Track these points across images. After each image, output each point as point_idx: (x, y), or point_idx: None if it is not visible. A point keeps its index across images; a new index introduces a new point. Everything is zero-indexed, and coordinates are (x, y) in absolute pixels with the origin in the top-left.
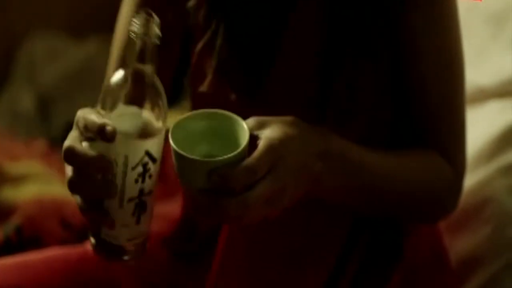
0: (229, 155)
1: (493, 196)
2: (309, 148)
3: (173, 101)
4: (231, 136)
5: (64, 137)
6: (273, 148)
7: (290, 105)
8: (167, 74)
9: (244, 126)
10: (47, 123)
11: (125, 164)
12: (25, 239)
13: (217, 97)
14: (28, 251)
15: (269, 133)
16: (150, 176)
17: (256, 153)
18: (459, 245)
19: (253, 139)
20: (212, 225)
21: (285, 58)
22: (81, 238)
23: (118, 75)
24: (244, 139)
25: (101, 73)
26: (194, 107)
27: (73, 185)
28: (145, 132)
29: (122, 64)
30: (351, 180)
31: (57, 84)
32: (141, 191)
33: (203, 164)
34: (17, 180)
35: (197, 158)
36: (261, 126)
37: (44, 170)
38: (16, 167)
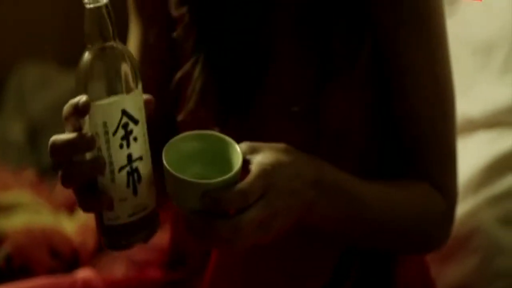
0: (223, 178)
1: (481, 226)
2: (302, 176)
3: None
4: (224, 159)
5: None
6: (266, 173)
7: (271, 135)
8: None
9: (238, 149)
10: (37, 153)
11: (106, 132)
12: (15, 268)
13: (199, 126)
14: (17, 280)
15: (261, 159)
16: (135, 139)
17: (249, 178)
18: (448, 275)
19: (245, 164)
20: (202, 252)
21: (268, 90)
22: (70, 267)
23: (84, 57)
24: (237, 162)
25: None
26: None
27: (66, 177)
28: (118, 92)
29: (86, 44)
30: (343, 209)
31: (47, 114)
32: (129, 157)
33: (196, 185)
34: (7, 209)
35: (191, 179)
36: (253, 151)
37: (34, 199)
38: (5, 197)
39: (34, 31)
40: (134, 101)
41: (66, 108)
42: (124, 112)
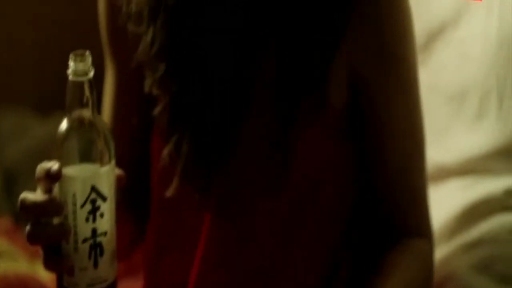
0: None
1: (455, 273)
2: None
3: None
4: None
5: None
6: None
7: (252, 210)
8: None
9: None
10: (13, 200)
11: (74, 203)
12: None
13: (181, 201)
14: None
15: None
16: (101, 215)
17: None
18: None
19: None
20: None
21: (243, 158)
22: None
23: (61, 126)
24: None
25: None
26: (157, 210)
27: (31, 236)
28: (91, 170)
29: (66, 112)
30: None
31: (23, 161)
32: (94, 231)
33: None
34: None
35: None
36: None
37: (9, 247)
38: None
39: (9, 79)
40: (105, 178)
41: (39, 170)
42: (94, 188)
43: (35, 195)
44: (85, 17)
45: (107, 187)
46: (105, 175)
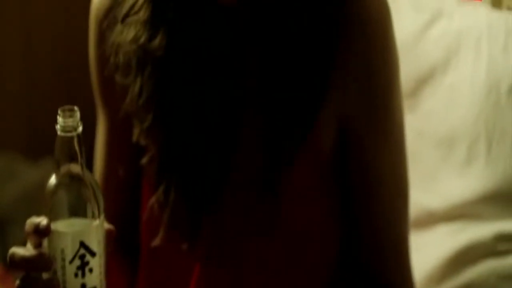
0: None
1: None
2: None
3: None
4: None
5: None
6: None
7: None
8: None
9: None
10: (4, 245)
11: (63, 258)
12: None
13: (170, 249)
14: None
15: None
16: (90, 270)
17: None
18: None
19: None
20: None
21: (232, 204)
22: None
23: (50, 181)
24: None
25: None
26: (147, 258)
27: None
28: (80, 225)
29: (54, 167)
30: None
31: (14, 206)
32: (83, 286)
33: None
34: None
35: None
36: None
37: None
38: None
39: (0, 123)
40: (94, 233)
41: (28, 224)
42: (82, 244)
43: (25, 250)
44: (76, 61)
45: (96, 242)
46: (94, 230)
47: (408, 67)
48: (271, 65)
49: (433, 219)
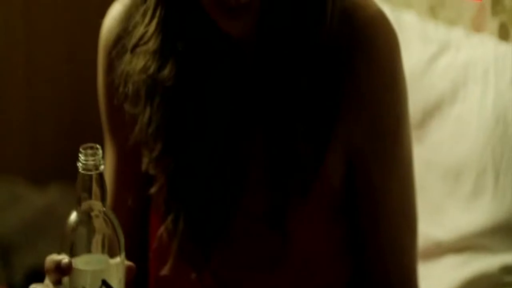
0: None
1: None
2: None
3: None
4: None
5: (25, 285)
6: None
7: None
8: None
9: None
10: (8, 270)
11: None
12: None
13: (178, 279)
14: None
15: None
16: None
17: None
18: None
19: None
20: None
21: (240, 235)
22: None
23: (71, 217)
24: None
25: (63, 221)
26: (155, 287)
27: None
28: (101, 263)
29: (75, 204)
30: None
31: (18, 231)
32: None
33: None
34: None
35: None
36: None
37: None
38: None
39: (3, 148)
40: (115, 271)
41: (48, 262)
42: (104, 282)
43: (44, 287)
44: (81, 87)
45: (117, 280)
46: (115, 268)
47: (415, 98)
48: (279, 98)
49: (440, 250)
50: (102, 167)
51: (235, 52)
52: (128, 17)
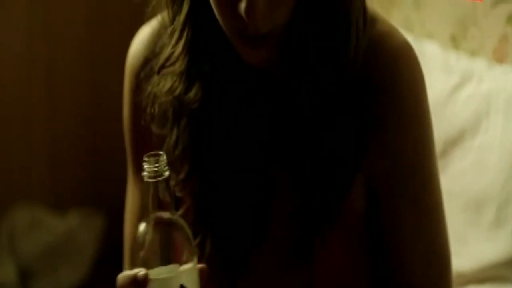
0: None
1: None
2: None
3: None
4: None
5: None
6: None
7: None
8: None
9: None
10: None
11: None
12: None
13: None
14: None
15: None
16: None
17: None
18: None
19: None
20: None
21: (267, 261)
22: None
23: (140, 229)
24: None
25: (83, 246)
26: None
27: None
28: (176, 270)
29: (142, 215)
30: None
31: (39, 257)
32: None
33: None
34: None
35: None
36: None
37: None
38: None
39: (25, 175)
40: (191, 275)
41: (122, 278)
42: (182, 287)
43: None
44: (103, 117)
45: (194, 283)
46: (191, 272)
47: (437, 129)
48: (304, 128)
49: (462, 280)
50: (167, 173)
51: (260, 79)
52: (156, 39)
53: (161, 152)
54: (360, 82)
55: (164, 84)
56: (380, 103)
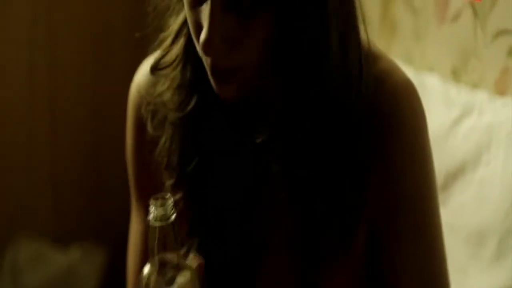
0: None
1: None
2: None
3: None
4: None
5: None
6: None
7: None
8: None
9: None
10: None
11: None
12: None
13: None
14: None
15: None
16: None
17: None
18: None
19: None
20: None
21: (263, 277)
22: None
23: (145, 271)
24: None
25: (84, 281)
26: None
27: None
28: None
29: (150, 256)
30: None
31: None
32: None
33: None
34: None
35: None
36: None
37: None
38: None
39: (28, 209)
40: None
41: None
42: None
43: None
44: (106, 151)
45: None
46: None
47: (438, 161)
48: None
49: None
50: (173, 217)
51: (259, 112)
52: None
53: (167, 196)
54: (361, 119)
55: (158, 90)
56: (381, 139)
